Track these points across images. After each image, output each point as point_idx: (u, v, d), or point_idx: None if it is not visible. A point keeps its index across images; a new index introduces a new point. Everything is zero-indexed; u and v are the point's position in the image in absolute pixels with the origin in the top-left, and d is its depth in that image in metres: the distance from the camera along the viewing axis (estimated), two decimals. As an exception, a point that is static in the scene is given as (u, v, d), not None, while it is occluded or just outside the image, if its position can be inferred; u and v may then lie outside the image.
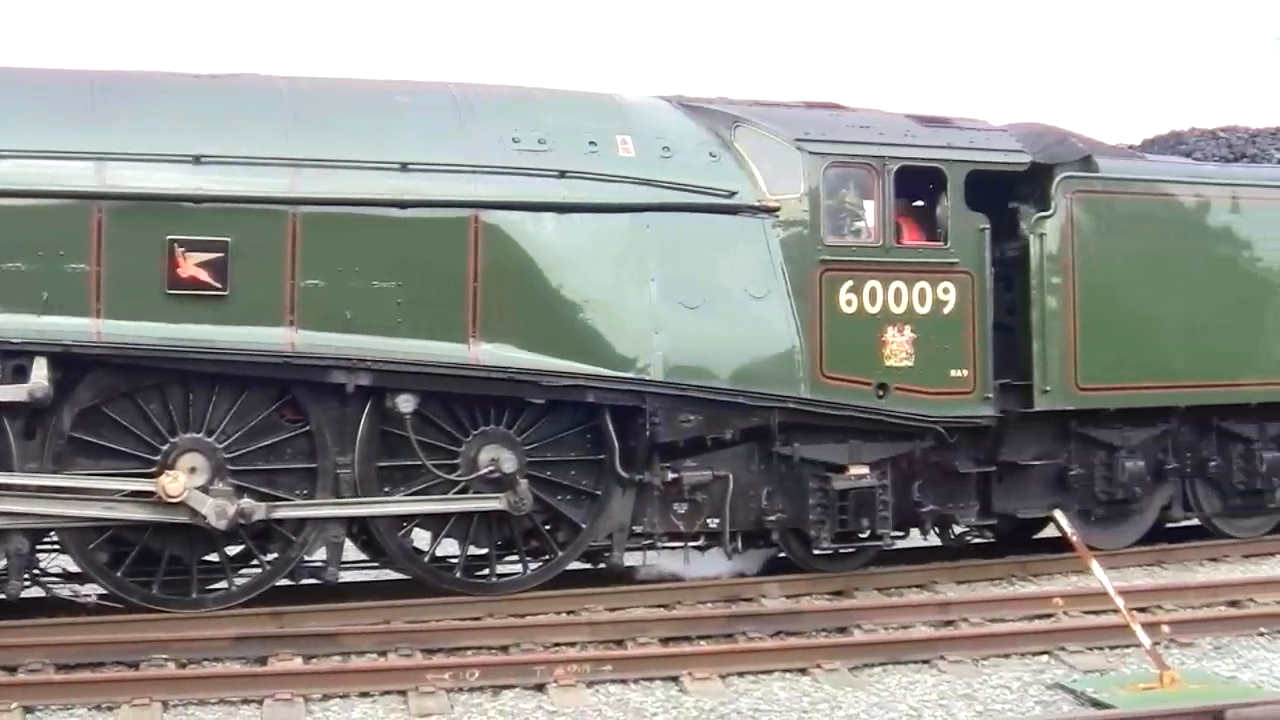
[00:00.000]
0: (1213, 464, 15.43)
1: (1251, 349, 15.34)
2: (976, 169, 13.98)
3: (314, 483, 12.20)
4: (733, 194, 13.27)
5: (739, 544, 13.44)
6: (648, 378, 12.73)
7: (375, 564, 13.42)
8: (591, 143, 13.02)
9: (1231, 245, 15.30)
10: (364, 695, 9.85)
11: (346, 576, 12.87)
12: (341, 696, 9.82)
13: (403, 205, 12.26)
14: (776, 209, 13.34)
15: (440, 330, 12.29)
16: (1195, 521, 15.88)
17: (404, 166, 12.32)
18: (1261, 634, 11.40)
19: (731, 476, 13.19)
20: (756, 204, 13.33)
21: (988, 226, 13.95)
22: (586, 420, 12.87)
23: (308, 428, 12.18)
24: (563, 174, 12.76)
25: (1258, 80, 62.16)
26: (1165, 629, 10.95)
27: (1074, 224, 14.35)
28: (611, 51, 61.81)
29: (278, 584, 12.34)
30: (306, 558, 12.35)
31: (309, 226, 12.03)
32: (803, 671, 10.40)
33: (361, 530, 12.73)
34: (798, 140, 13.44)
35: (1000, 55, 69.00)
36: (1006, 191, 14.43)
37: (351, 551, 13.10)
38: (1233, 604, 12.68)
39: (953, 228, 13.85)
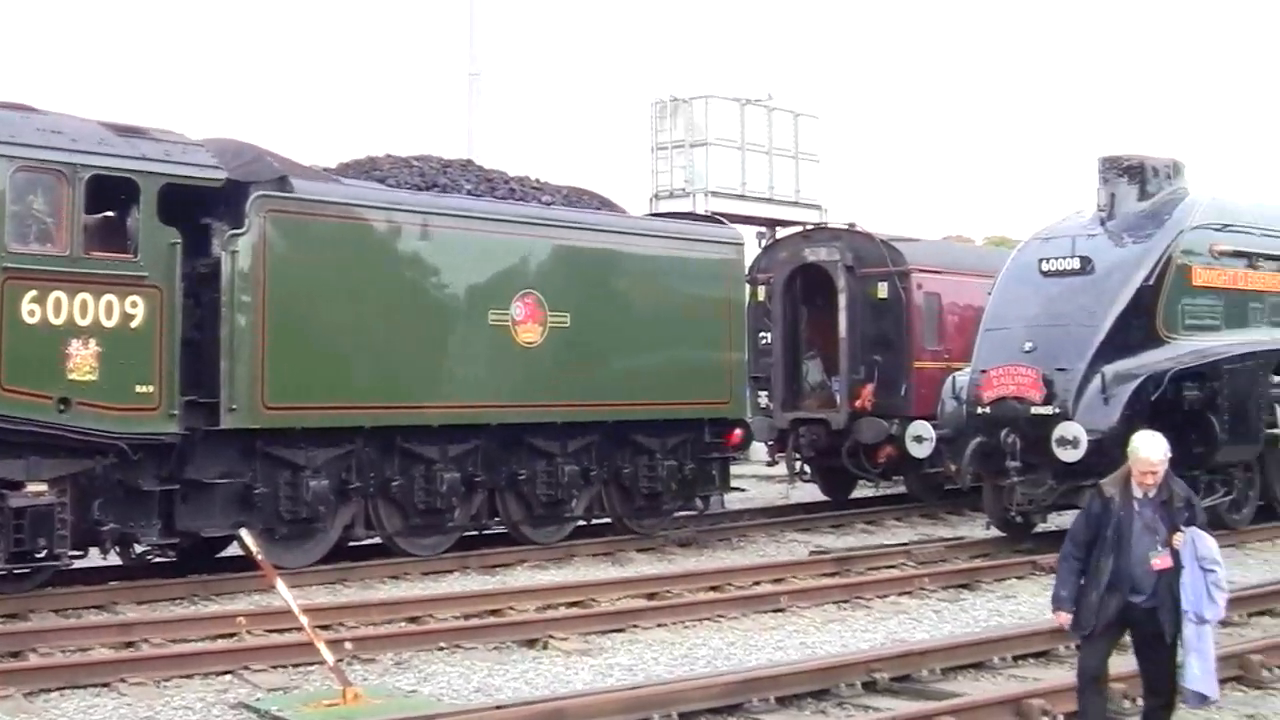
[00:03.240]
0: (395, 484, 15.85)
1: (436, 373, 15.89)
2: (171, 182, 13.81)
3: None
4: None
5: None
6: None
7: None
8: None
9: (421, 271, 15.81)
10: None
11: None
12: None
13: None
14: (-42, 213, 12.66)
15: None
16: (378, 539, 16.24)
17: None
18: (441, 648, 11.77)
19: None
20: (-62, 207, 12.61)
21: (179, 241, 13.80)
22: None
23: None
24: None
25: (451, 114, 65.04)
26: (348, 646, 11.13)
27: (267, 243, 14.40)
28: None
29: None
30: None
31: None
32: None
33: None
34: (-19, 142, 12.81)
35: (190, 68, 68.76)
36: (202, 207, 14.29)
37: None
38: (413, 620, 13.05)
39: (144, 241, 13.61)
